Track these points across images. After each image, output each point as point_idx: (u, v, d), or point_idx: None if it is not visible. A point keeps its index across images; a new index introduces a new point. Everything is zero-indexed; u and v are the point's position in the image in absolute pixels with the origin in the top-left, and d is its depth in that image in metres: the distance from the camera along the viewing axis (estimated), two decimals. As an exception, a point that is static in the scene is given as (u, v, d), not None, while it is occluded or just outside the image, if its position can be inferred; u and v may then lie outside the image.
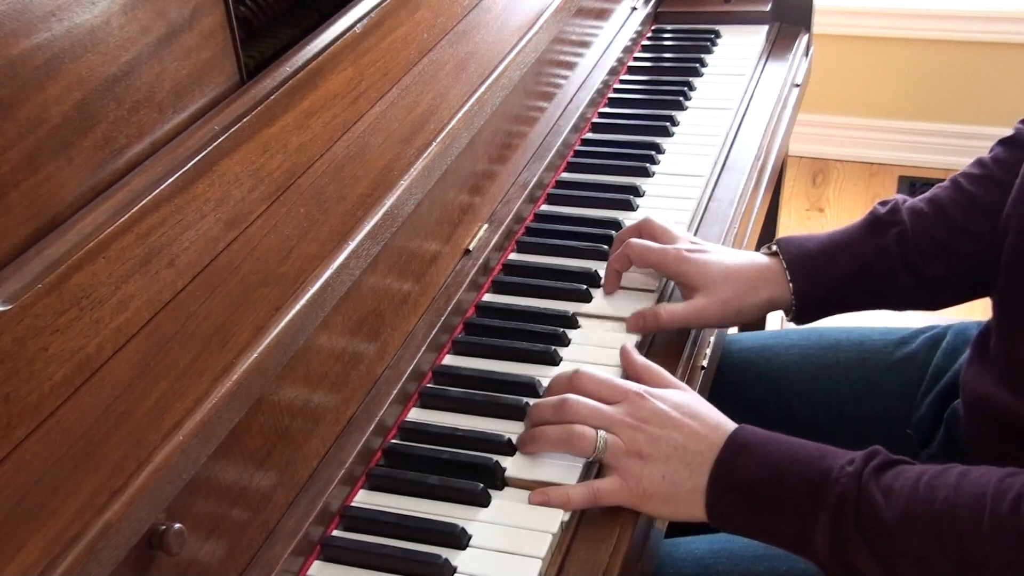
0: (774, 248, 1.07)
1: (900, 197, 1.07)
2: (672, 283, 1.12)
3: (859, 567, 0.80)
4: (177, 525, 0.69)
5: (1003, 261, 0.92)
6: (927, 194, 1.07)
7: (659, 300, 1.10)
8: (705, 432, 0.87)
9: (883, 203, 1.07)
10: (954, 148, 2.85)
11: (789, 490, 0.82)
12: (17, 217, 0.65)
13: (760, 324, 1.91)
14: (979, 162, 1.06)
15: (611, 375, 0.93)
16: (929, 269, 1.03)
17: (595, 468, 0.90)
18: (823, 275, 1.04)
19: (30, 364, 0.62)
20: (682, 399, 0.90)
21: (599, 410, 0.89)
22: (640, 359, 0.97)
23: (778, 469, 0.83)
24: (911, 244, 1.03)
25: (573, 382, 0.92)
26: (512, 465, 0.90)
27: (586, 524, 0.86)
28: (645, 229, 1.10)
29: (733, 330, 1.52)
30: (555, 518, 0.84)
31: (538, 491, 0.87)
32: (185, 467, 0.69)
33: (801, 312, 1.06)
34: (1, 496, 0.59)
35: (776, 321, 1.73)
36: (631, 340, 1.02)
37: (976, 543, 0.75)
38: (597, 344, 1.03)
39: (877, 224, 1.05)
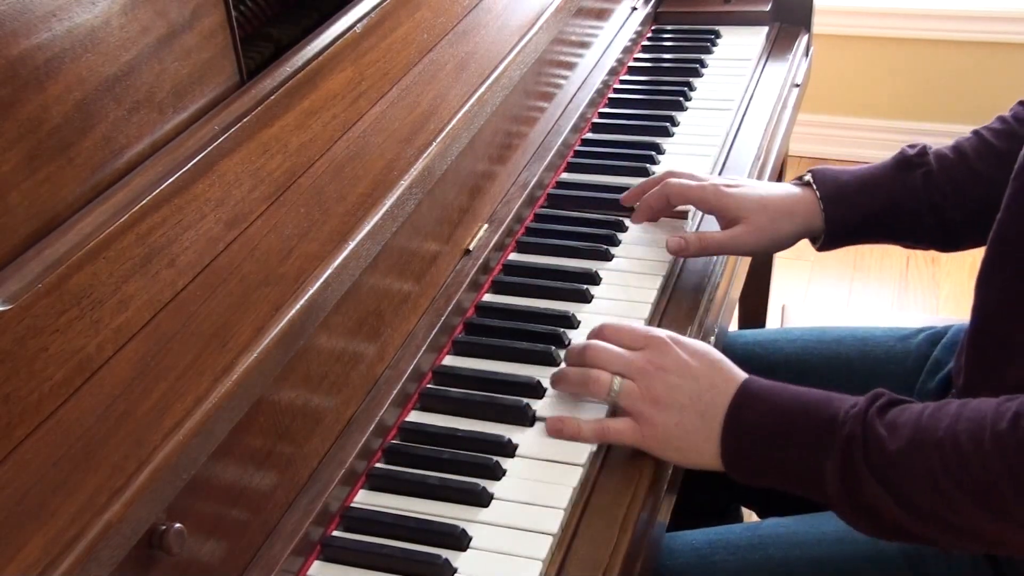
0: (807, 178, 1.12)
1: (927, 142, 1.13)
2: (674, 279, 1.13)
3: (868, 499, 0.82)
4: (177, 525, 0.69)
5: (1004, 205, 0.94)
6: (952, 143, 1.12)
7: (659, 302, 1.10)
8: (721, 383, 0.89)
9: (911, 146, 1.12)
10: (954, 148, 2.85)
11: (799, 433, 0.85)
12: (17, 217, 0.65)
13: (760, 322, 1.92)
14: (1001, 118, 1.11)
15: (637, 324, 0.98)
16: (948, 211, 1.09)
17: (600, 457, 0.91)
18: (854, 205, 1.10)
19: (30, 364, 0.62)
20: (702, 347, 0.93)
21: (619, 355, 0.93)
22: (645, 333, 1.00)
23: (788, 414, 0.86)
24: (935, 185, 1.09)
25: (600, 331, 0.96)
26: (513, 466, 0.90)
27: (586, 523, 0.86)
28: (674, 174, 1.16)
29: (734, 326, 1.52)
30: (555, 518, 0.84)
31: (555, 417, 0.92)
32: (185, 467, 0.69)
33: (829, 240, 1.12)
34: (1, 496, 0.59)
35: (777, 319, 1.73)
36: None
37: (980, 462, 0.78)
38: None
39: (906, 163, 1.11)
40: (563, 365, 0.99)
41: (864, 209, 1.10)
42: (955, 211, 1.09)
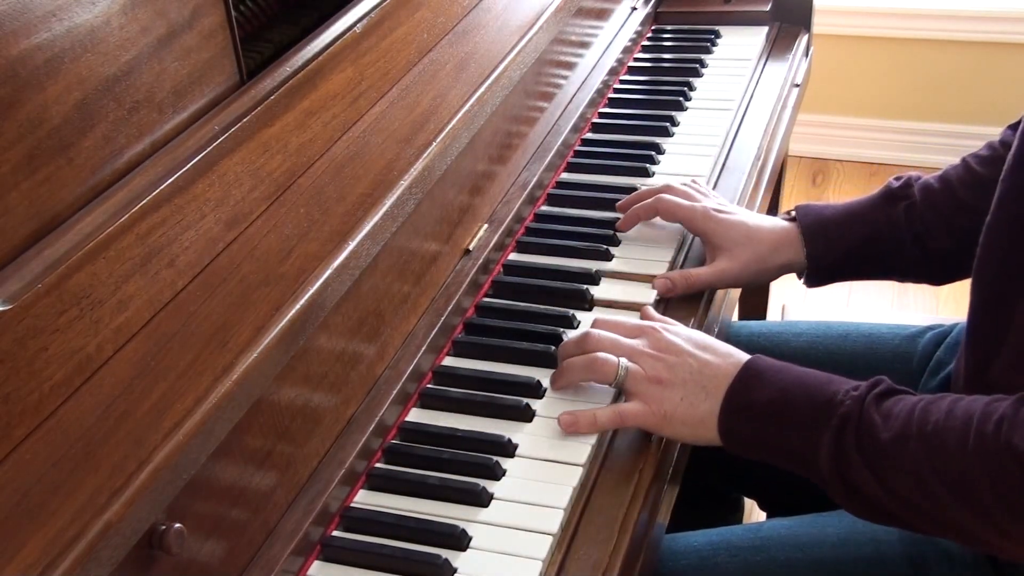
0: (793, 214, 1.14)
1: (914, 174, 1.14)
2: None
3: (858, 483, 0.84)
4: (177, 525, 0.69)
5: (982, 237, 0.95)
6: (938, 172, 1.13)
7: (660, 302, 1.10)
8: (718, 361, 0.92)
9: (897, 178, 1.13)
10: (954, 148, 2.84)
11: (797, 411, 0.87)
12: (17, 217, 0.65)
13: (761, 314, 1.92)
14: (988, 145, 1.12)
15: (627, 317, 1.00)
16: (934, 241, 1.10)
17: (600, 457, 0.91)
18: (835, 241, 1.11)
19: (30, 364, 0.62)
20: (694, 333, 0.96)
21: (620, 341, 0.95)
22: (659, 315, 1.03)
23: (788, 392, 0.88)
24: (918, 216, 1.10)
25: (593, 324, 0.98)
26: (513, 466, 0.90)
27: (586, 523, 0.86)
28: (669, 190, 1.17)
29: (734, 317, 1.53)
30: (555, 518, 0.84)
31: (567, 413, 0.92)
32: (185, 467, 0.69)
33: (812, 275, 1.14)
34: (1, 496, 0.59)
35: (777, 312, 1.73)
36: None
37: (962, 460, 0.80)
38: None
39: (890, 196, 1.12)
40: (558, 365, 0.98)
41: (845, 243, 1.11)
42: (940, 240, 1.10)
